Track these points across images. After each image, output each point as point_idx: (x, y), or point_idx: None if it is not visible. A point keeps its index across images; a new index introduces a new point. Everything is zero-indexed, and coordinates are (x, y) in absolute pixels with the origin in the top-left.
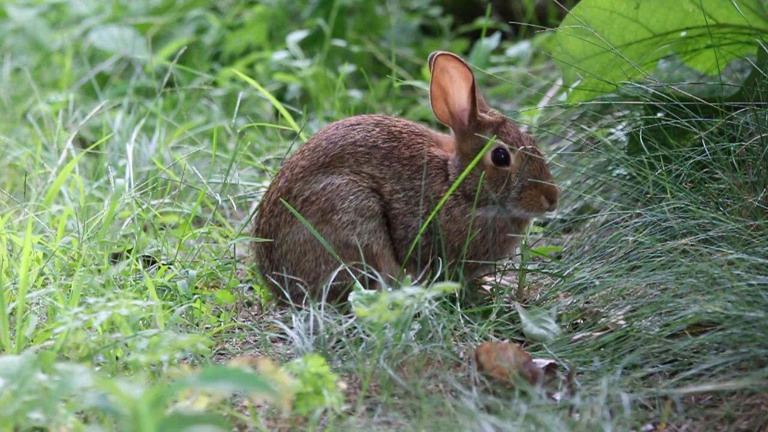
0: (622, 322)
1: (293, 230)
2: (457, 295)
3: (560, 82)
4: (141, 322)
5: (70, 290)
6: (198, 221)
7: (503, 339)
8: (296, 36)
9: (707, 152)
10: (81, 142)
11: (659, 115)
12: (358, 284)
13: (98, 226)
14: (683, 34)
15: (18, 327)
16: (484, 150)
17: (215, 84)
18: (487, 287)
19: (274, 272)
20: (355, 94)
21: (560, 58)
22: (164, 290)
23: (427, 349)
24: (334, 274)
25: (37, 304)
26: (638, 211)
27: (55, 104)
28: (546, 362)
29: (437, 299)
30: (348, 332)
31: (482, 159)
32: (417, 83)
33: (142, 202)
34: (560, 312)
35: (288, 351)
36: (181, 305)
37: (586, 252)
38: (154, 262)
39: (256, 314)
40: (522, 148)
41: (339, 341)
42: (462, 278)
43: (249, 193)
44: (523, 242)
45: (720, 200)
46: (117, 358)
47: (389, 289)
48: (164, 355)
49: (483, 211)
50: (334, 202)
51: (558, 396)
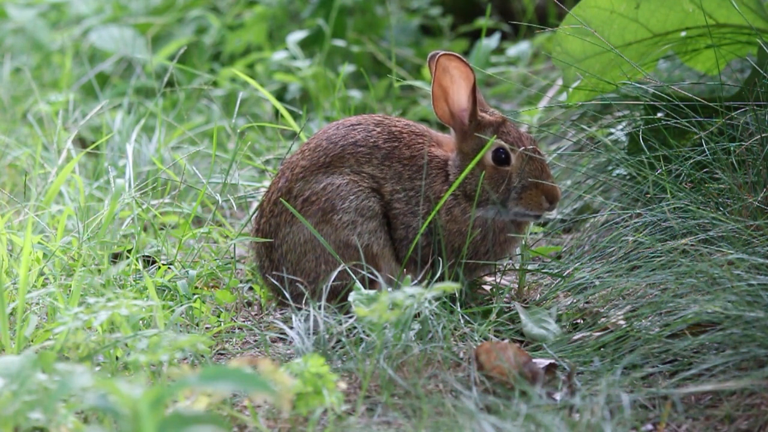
0: (622, 322)
1: (293, 230)
2: (457, 295)
3: (560, 82)
4: (141, 322)
5: (70, 290)
6: (198, 221)
7: (503, 339)
8: (296, 36)
9: (707, 152)
10: (81, 142)
11: (659, 115)
12: (358, 284)
13: (98, 226)
14: (683, 34)
15: (18, 327)
16: (485, 149)
17: (215, 84)
18: (487, 287)
19: (274, 272)
20: (355, 94)
21: (560, 58)
22: (164, 290)
23: (427, 349)
24: (334, 274)
25: (37, 304)
26: (638, 211)
27: (55, 104)
28: (546, 362)
29: (437, 299)
30: (348, 332)
31: (483, 159)
32: (417, 83)
33: (142, 202)
34: (560, 312)
35: (288, 351)
36: (181, 305)
37: (586, 252)
38: (154, 262)
39: (256, 314)
40: (522, 149)
41: (339, 341)
42: (462, 278)
43: (249, 193)
44: (523, 242)
45: (720, 200)
46: (117, 358)
47: (389, 289)
48: (164, 355)
49: (483, 211)
50: (335, 202)
51: (558, 396)
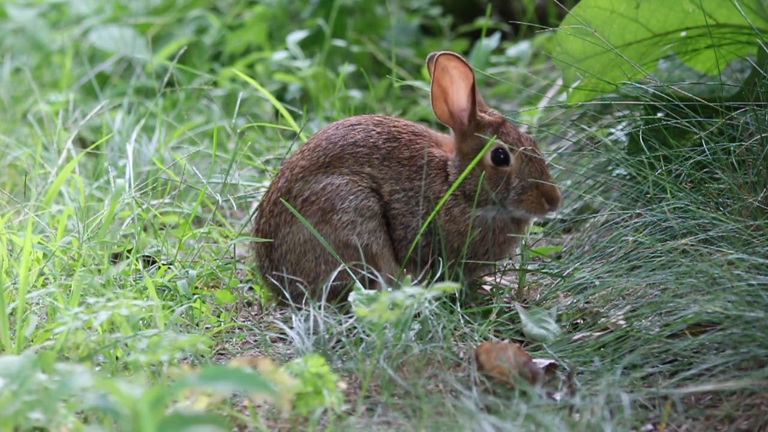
0: (622, 322)
1: (293, 230)
2: (457, 295)
3: (560, 82)
4: (141, 322)
5: (70, 290)
6: (198, 221)
7: (503, 339)
8: (296, 36)
9: (707, 152)
10: (81, 142)
11: (659, 115)
12: (358, 284)
13: (98, 226)
14: (683, 34)
15: (18, 327)
16: (485, 149)
17: (215, 84)
18: (487, 287)
19: (274, 272)
20: (355, 94)
21: (560, 58)
22: (164, 290)
23: (427, 349)
24: (334, 274)
25: (37, 304)
26: (638, 211)
27: (55, 104)
28: (546, 362)
29: (437, 299)
30: (348, 332)
31: (482, 159)
32: (417, 83)
33: (142, 202)
34: (560, 312)
35: (288, 351)
36: (181, 305)
37: (586, 252)
38: (154, 262)
39: (256, 314)
40: (522, 149)
41: (339, 341)
42: (462, 278)
43: (249, 193)
44: (523, 242)
45: (720, 200)
46: (117, 358)
47: (389, 289)
48: (164, 355)
49: (483, 212)
50: (334, 202)
51: (558, 396)
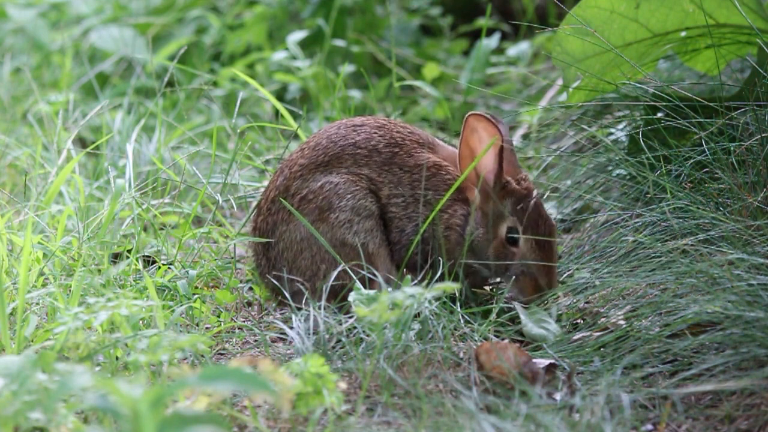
0: (622, 322)
1: (290, 228)
2: (457, 295)
3: (560, 82)
4: (141, 322)
5: (70, 290)
6: (198, 221)
7: (503, 339)
8: (296, 36)
9: (707, 152)
10: (81, 142)
11: (659, 115)
12: (358, 284)
13: (98, 226)
14: (683, 34)
15: (18, 327)
16: (483, 154)
17: (215, 84)
18: (487, 287)
19: (271, 271)
20: (355, 94)
21: (560, 58)
22: (164, 290)
23: (427, 349)
24: (334, 274)
25: (37, 304)
26: (638, 211)
27: (55, 104)
28: (546, 362)
29: (437, 299)
30: (348, 332)
31: (497, 228)
32: (417, 83)
33: (142, 202)
34: (560, 312)
35: (288, 351)
36: (181, 305)
37: (586, 252)
38: (154, 262)
39: (256, 314)
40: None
41: (339, 341)
42: (462, 278)
43: (249, 193)
44: None
45: (720, 200)
46: (117, 358)
47: (387, 289)
48: (164, 355)
49: (477, 265)
50: (332, 201)
51: (558, 396)
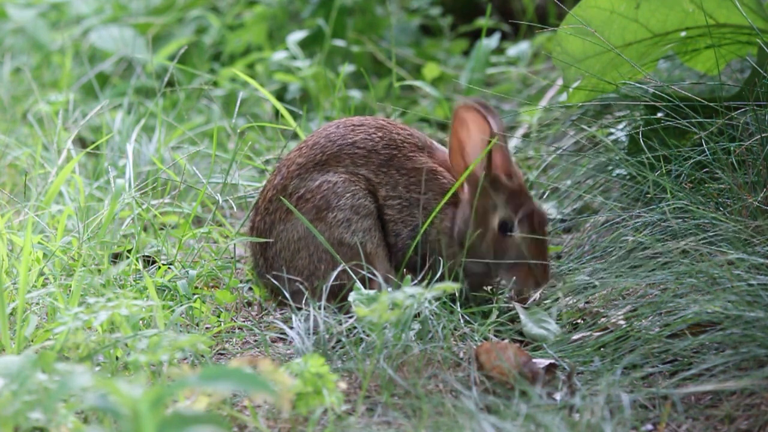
0: (622, 322)
1: (288, 227)
2: (457, 295)
3: (560, 82)
4: (141, 322)
5: (70, 290)
6: (198, 221)
7: (503, 339)
8: (296, 36)
9: (707, 152)
10: (81, 142)
11: (659, 115)
12: (358, 284)
13: (98, 226)
14: (683, 34)
15: (18, 327)
16: (484, 153)
17: (215, 84)
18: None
19: (270, 271)
20: (355, 94)
21: (560, 58)
22: (164, 290)
23: (427, 349)
24: (334, 274)
25: (37, 304)
26: (638, 212)
27: (55, 104)
28: (546, 362)
29: (437, 299)
30: (348, 332)
31: (488, 220)
32: (417, 83)
33: (142, 202)
34: (560, 312)
35: (288, 351)
36: (181, 305)
37: (586, 252)
38: (154, 262)
39: (256, 314)
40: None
41: (339, 341)
42: (462, 279)
43: (249, 193)
44: None
45: (720, 200)
46: (117, 358)
47: (387, 289)
48: (164, 355)
49: (472, 265)
50: (330, 200)
51: (558, 396)
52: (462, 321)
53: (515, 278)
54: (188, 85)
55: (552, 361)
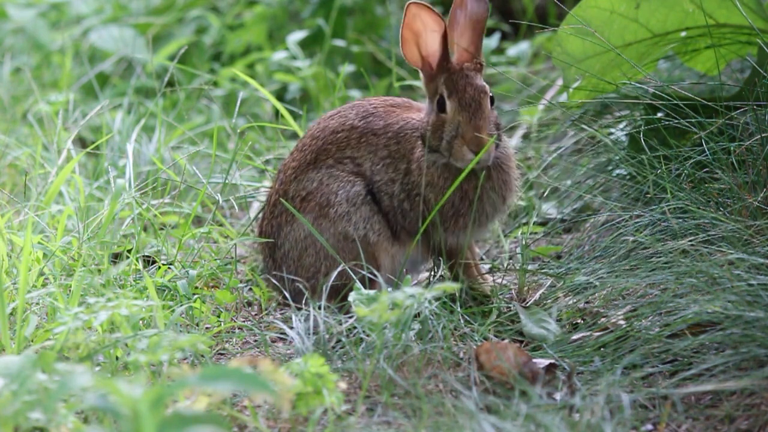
0: (622, 322)
1: (294, 228)
2: (457, 295)
3: (560, 82)
4: (141, 322)
5: (70, 290)
6: (198, 221)
7: (503, 339)
8: (296, 36)
9: (707, 152)
10: (81, 142)
11: (659, 115)
12: (358, 284)
13: (98, 226)
14: (683, 34)
15: (18, 327)
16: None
17: (215, 84)
18: (488, 287)
19: (276, 272)
20: (355, 94)
21: (560, 58)
22: (164, 290)
23: (427, 349)
24: (334, 274)
25: (37, 304)
26: (638, 212)
27: (55, 104)
28: (546, 362)
29: (437, 299)
30: (348, 332)
31: (433, 106)
32: (417, 83)
33: (142, 202)
34: (560, 312)
35: (288, 351)
36: (181, 305)
37: (586, 252)
38: (154, 262)
39: (256, 314)
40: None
41: (339, 341)
42: (462, 278)
43: (249, 193)
44: (523, 242)
45: (720, 200)
46: (117, 358)
47: (389, 288)
48: (164, 355)
49: (436, 157)
50: (329, 197)
51: (558, 396)
52: (462, 321)
53: (453, 154)
54: (188, 85)
55: (552, 361)
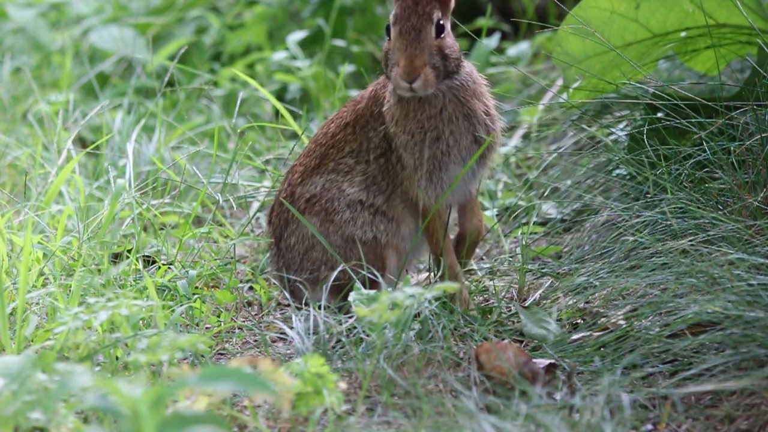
0: (622, 322)
1: (301, 224)
2: (457, 295)
3: (560, 82)
4: (141, 322)
5: (70, 290)
6: (198, 221)
7: (503, 339)
8: (296, 36)
9: (707, 152)
10: (81, 142)
11: (659, 115)
12: (359, 284)
13: (98, 226)
14: (683, 34)
15: (18, 327)
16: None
17: (215, 84)
18: (490, 283)
19: (281, 260)
20: (355, 94)
21: (560, 59)
22: (164, 290)
23: (427, 349)
24: (334, 274)
25: (37, 304)
26: (638, 213)
27: (55, 104)
28: (546, 362)
29: (437, 299)
30: (348, 332)
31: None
32: None
33: (142, 202)
34: (560, 312)
35: (288, 351)
36: (181, 305)
37: (586, 252)
38: (154, 262)
39: (256, 314)
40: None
41: (339, 341)
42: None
43: (249, 193)
44: (523, 242)
45: (720, 200)
46: (117, 358)
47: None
48: (164, 355)
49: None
50: (333, 202)
51: (558, 396)
52: (462, 321)
53: (393, 83)
54: (188, 85)
55: (552, 361)
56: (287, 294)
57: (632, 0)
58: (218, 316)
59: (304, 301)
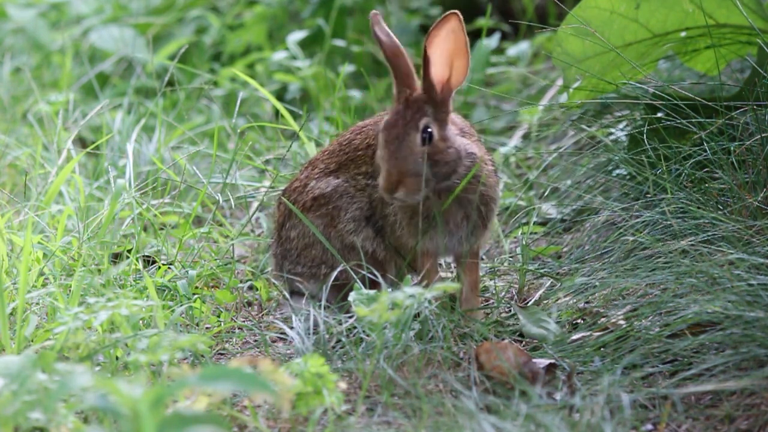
0: (622, 322)
1: (307, 218)
2: (457, 295)
3: (560, 82)
4: (141, 322)
5: (70, 290)
6: (198, 221)
7: (503, 339)
8: (296, 36)
9: (707, 152)
10: (81, 142)
11: (659, 115)
12: (359, 284)
13: (98, 226)
14: (683, 34)
15: (18, 327)
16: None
17: (215, 84)
18: (490, 283)
19: (278, 248)
20: (355, 94)
21: (560, 59)
22: (164, 290)
23: (427, 349)
24: (334, 273)
25: (37, 304)
26: (638, 213)
27: (55, 104)
28: (546, 362)
29: (437, 299)
30: (348, 332)
31: None
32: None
33: (142, 202)
34: (560, 312)
35: (288, 351)
36: (181, 305)
37: (586, 252)
38: (154, 262)
39: (256, 314)
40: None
41: (339, 341)
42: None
43: (249, 193)
44: (523, 242)
45: (720, 200)
46: (117, 358)
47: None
48: (164, 355)
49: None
50: (339, 211)
51: (558, 396)
52: (462, 321)
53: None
54: (188, 85)
55: (552, 361)
56: (287, 295)
57: (632, 0)
58: (218, 316)
59: (304, 301)
